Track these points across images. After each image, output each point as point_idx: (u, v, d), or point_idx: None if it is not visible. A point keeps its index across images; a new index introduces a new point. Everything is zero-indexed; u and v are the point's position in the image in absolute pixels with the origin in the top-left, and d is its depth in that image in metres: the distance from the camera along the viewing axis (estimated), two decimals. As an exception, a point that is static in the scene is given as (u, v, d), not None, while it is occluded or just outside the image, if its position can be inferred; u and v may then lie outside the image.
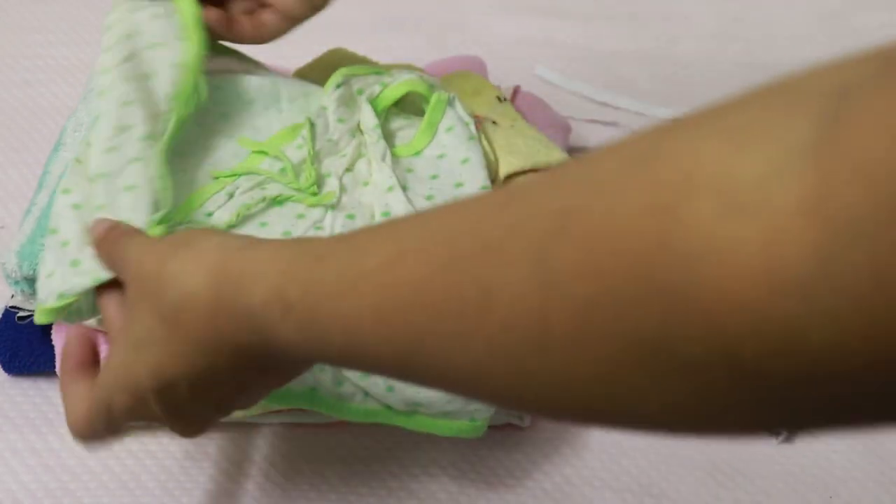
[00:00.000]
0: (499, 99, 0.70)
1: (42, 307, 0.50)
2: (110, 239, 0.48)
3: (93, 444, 0.48)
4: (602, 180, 0.27)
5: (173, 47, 0.58)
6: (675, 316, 0.24)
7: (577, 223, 0.27)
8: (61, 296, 0.50)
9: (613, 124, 0.83)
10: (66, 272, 0.50)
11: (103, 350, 0.56)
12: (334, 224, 0.57)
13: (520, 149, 0.65)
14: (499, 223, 0.30)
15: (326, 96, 0.63)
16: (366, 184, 0.60)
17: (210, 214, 0.57)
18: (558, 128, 0.74)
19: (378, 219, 0.57)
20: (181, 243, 0.41)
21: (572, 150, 0.77)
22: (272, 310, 0.36)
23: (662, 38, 0.96)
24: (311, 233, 0.57)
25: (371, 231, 0.36)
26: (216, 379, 0.41)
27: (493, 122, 0.67)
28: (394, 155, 0.61)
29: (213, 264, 0.39)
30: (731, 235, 0.23)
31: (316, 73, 0.71)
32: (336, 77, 0.64)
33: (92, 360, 0.49)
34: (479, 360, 0.30)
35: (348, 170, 0.60)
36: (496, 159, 0.64)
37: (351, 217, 0.58)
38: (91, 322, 0.55)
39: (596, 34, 0.95)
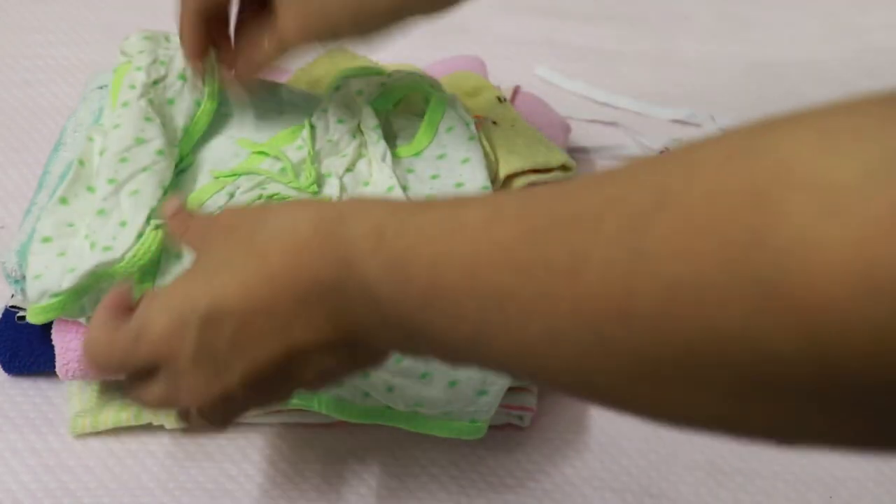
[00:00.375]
0: (499, 99, 0.70)
1: (35, 307, 0.51)
2: (189, 216, 0.48)
3: (103, 370, 0.45)
4: (703, 164, 0.28)
5: (197, 86, 0.62)
6: (766, 309, 0.25)
7: (675, 202, 0.27)
8: (53, 294, 0.51)
9: (613, 124, 0.83)
10: (55, 271, 0.51)
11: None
12: None
13: (520, 149, 0.65)
14: (597, 195, 0.30)
15: (326, 98, 0.63)
16: (366, 184, 0.60)
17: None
18: (558, 128, 0.74)
19: None
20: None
21: (572, 150, 0.77)
22: (367, 242, 0.37)
23: (662, 38, 0.96)
24: None
25: (473, 196, 0.36)
26: (268, 325, 0.39)
27: (494, 123, 0.67)
28: (395, 155, 0.61)
29: (317, 208, 0.40)
30: (827, 234, 0.23)
31: (316, 73, 0.71)
32: (335, 79, 0.64)
33: (128, 307, 0.46)
34: (558, 326, 0.30)
35: (349, 170, 0.60)
36: (496, 159, 0.64)
37: None
38: (84, 319, 0.55)
39: (596, 34, 0.95)
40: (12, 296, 0.60)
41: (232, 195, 0.58)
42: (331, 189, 0.59)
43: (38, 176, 0.63)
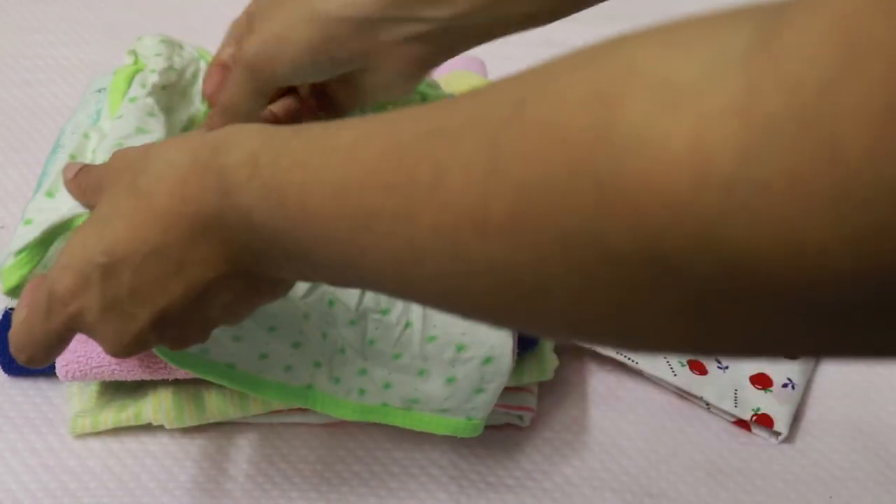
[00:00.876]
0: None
1: (3, 270, 0.51)
2: (84, 170, 0.48)
3: (30, 353, 0.44)
4: (557, 73, 0.29)
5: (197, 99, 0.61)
6: (604, 207, 0.25)
7: (528, 110, 0.28)
8: (17, 252, 0.51)
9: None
10: (19, 231, 0.52)
11: (99, 349, 0.56)
12: None
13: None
14: (460, 110, 0.31)
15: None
16: None
17: None
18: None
19: None
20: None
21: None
22: (242, 170, 0.37)
23: (662, 38, 0.96)
24: None
25: (351, 118, 0.37)
26: (162, 267, 0.40)
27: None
28: None
29: (194, 142, 0.41)
30: (662, 131, 0.24)
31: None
32: None
33: None
34: (422, 242, 0.30)
35: None
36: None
37: None
38: None
39: (596, 34, 0.95)
40: (12, 296, 0.60)
41: None
42: None
43: (38, 176, 0.63)
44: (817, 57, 0.21)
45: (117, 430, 0.59)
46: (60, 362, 0.57)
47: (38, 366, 0.46)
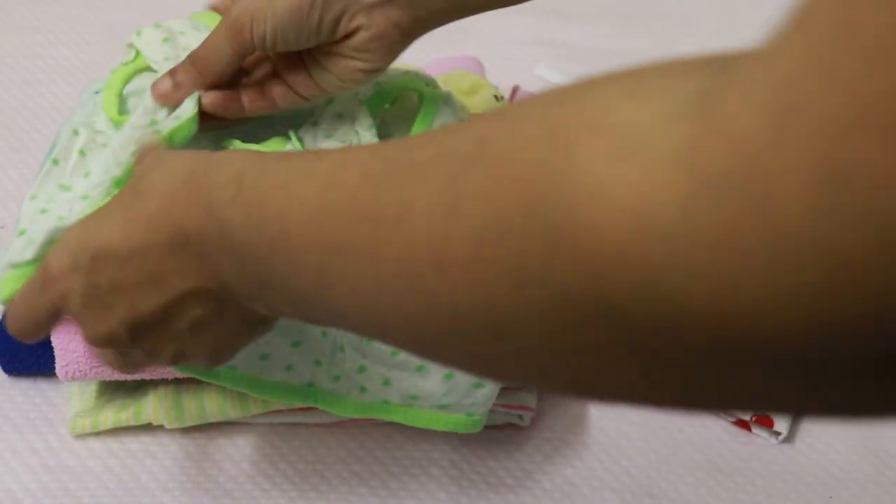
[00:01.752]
0: (496, 97, 0.70)
1: (1, 279, 0.52)
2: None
3: (21, 325, 0.46)
4: (521, 115, 0.29)
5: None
6: (553, 251, 0.25)
7: (489, 150, 0.28)
8: (15, 265, 0.52)
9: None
10: (17, 245, 0.52)
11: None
12: None
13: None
14: (429, 145, 0.32)
15: (317, 110, 0.63)
16: None
17: None
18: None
19: None
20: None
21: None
22: (228, 188, 0.38)
23: (662, 38, 0.96)
24: None
25: (336, 148, 0.37)
26: (141, 269, 0.40)
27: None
28: None
29: (193, 156, 0.42)
30: (609, 177, 0.24)
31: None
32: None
33: None
34: (384, 275, 0.31)
35: None
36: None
37: None
38: None
39: (596, 34, 0.95)
40: (12, 296, 0.60)
41: None
42: None
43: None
44: (758, 115, 0.21)
45: (117, 430, 0.59)
46: (60, 362, 0.57)
47: (28, 340, 0.47)
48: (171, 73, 0.57)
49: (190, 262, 0.40)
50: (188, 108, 0.57)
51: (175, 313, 0.41)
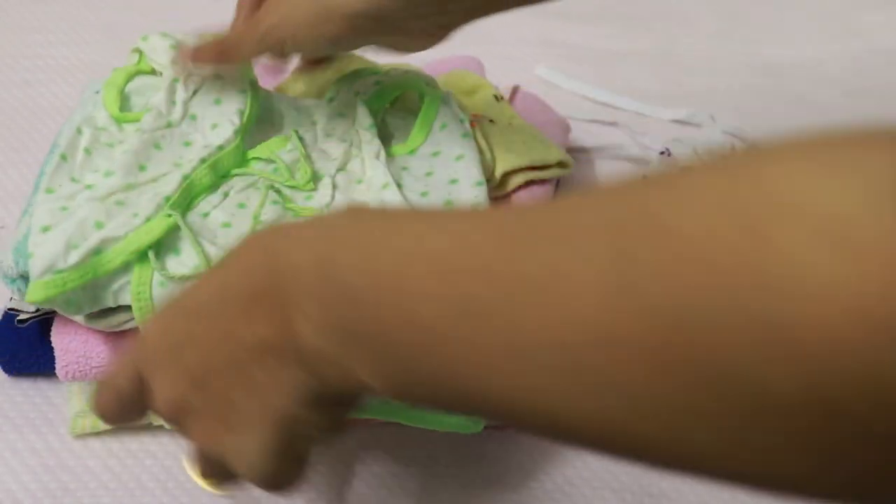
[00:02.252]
0: (496, 97, 0.70)
1: (37, 282, 0.52)
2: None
3: (114, 374, 0.43)
4: (694, 190, 0.27)
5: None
6: (760, 346, 0.24)
7: (665, 231, 0.26)
8: (57, 271, 0.52)
9: (613, 124, 0.83)
10: (59, 247, 0.52)
11: (99, 349, 0.56)
12: None
13: (517, 146, 0.65)
14: (581, 212, 0.30)
15: (318, 111, 0.63)
16: (359, 181, 0.60)
17: (206, 215, 0.57)
18: (558, 127, 0.74)
19: None
20: None
21: (572, 150, 0.77)
22: (343, 227, 0.36)
23: (662, 38, 0.96)
24: None
25: (465, 208, 0.36)
26: (216, 320, 0.38)
27: (490, 121, 0.67)
28: (389, 154, 0.61)
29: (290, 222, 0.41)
30: (828, 269, 0.22)
31: (313, 72, 0.71)
32: (329, 89, 0.64)
33: None
34: (527, 344, 0.29)
35: (340, 170, 0.60)
36: (493, 157, 0.64)
37: None
38: (80, 318, 0.55)
39: (596, 34, 0.95)
40: (11, 298, 0.60)
41: (226, 194, 0.58)
42: (324, 188, 0.59)
43: (37, 176, 0.63)
44: None
45: (117, 430, 0.59)
46: (60, 362, 0.57)
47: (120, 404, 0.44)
48: (198, 48, 0.60)
49: (265, 312, 0.37)
50: (228, 136, 0.59)
51: (240, 370, 0.38)
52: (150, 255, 0.53)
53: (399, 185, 0.59)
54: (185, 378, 0.40)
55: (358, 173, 0.60)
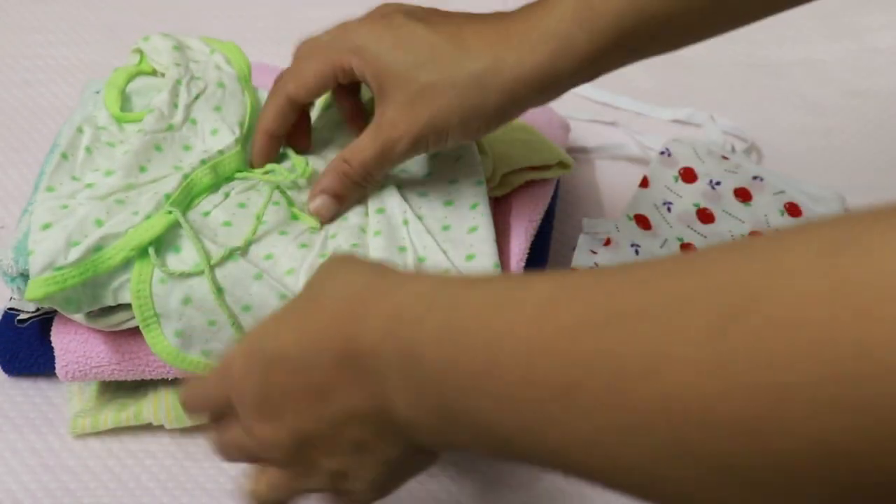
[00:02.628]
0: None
1: (37, 279, 0.52)
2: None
3: (193, 405, 0.46)
4: (791, 266, 0.26)
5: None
6: (875, 434, 0.23)
7: (763, 308, 0.26)
8: (57, 268, 0.52)
9: (613, 124, 0.83)
10: (59, 244, 0.52)
11: (99, 349, 0.56)
12: (328, 229, 0.57)
13: (517, 146, 0.65)
14: (673, 289, 0.29)
15: (315, 118, 0.63)
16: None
17: (207, 213, 0.57)
18: (558, 127, 0.74)
19: (373, 217, 0.57)
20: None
21: (572, 150, 0.77)
22: (418, 305, 0.36)
23: (662, 38, 0.96)
24: (307, 236, 0.56)
25: (532, 274, 0.35)
26: (310, 380, 0.39)
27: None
28: None
29: (375, 267, 0.40)
30: None
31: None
32: (326, 99, 0.64)
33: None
34: (627, 424, 0.29)
35: None
36: (493, 158, 0.64)
37: (344, 219, 0.58)
38: (79, 317, 0.55)
39: (596, 34, 0.95)
40: (11, 298, 0.60)
41: (227, 195, 0.58)
42: None
43: (37, 176, 0.63)
44: None
45: (117, 430, 0.59)
46: (60, 362, 0.57)
47: (195, 418, 0.48)
48: (327, 191, 0.56)
49: (357, 380, 0.38)
50: (228, 143, 0.59)
51: (339, 431, 0.39)
52: (151, 251, 0.53)
53: (399, 186, 0.59)
54: (284, 431, 0.40)
55: None
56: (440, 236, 0.57)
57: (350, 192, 0.56)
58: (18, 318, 0.59)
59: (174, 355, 0.54)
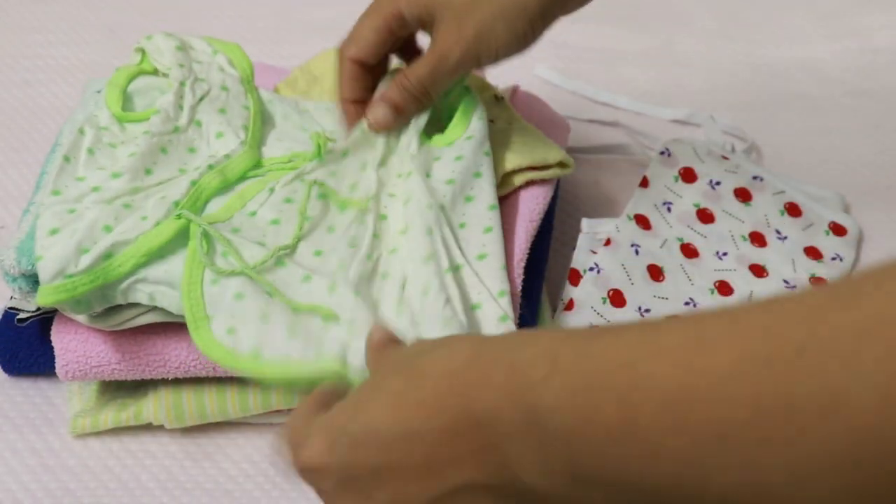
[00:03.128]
0: (496, 98, 0.70)
1: (47, 286, 0.52)
2: (384, 342, 0.47)
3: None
4: None
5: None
6: None
7: None
8: (68, 275, 0.51)
9: (613, 124, 0.83)
10: (69, 251, 0.52)
11: (99, 349, 0.56)
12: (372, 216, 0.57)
13: (517, 146, 0.65)
14: (845, 324, 0.28)
15: (319, 113, 0.63)
16: (399, 175, 0.59)
17: (253, 214, 0.57)
18: (558, 127, 0.74)
19: (399, 207, 0.57)
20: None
21: (572, 150, 0.77)
22: (538, 366, 0.34)
23: (662, 38, 0.96)
24: (354, 229, 0.56)
25: (664, 318, 0.33)
26: (411, 455, 0.37)
27: (491, 121, 0.67)
28: (428, 144, 0.61)
29: (479, 336, 0.40)
30: None
31: (316, 70, 0.71)
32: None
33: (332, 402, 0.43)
34: (806, 466, 0.28)
35: (382, 164, 0.60)
36: (493, 158, 0.63)
37: (383, 218, 0.57)
38: (82, 317, 0.55)
39: (596, 34, 0.95)
40: (11, 297, 0.60)
41: (272, 190, 0.58)
42: (367, 182, 0.59)
43: (38, 176, 0.63)
44: None
45: (117, 430, 0.59)
46: (60, 362, 0.57)
47: None
48: (385, 100, 0.59)
49: (472, 452, 0.36)
50: (234, 147, 0.59)
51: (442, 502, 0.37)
52: (200, 252, 0.53)
53: (428, 175, 0.59)
54: None
55: (397, 167, 0.60)
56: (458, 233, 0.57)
57: (408, 105, 0.59)
58: (18, 317, 0.59)
59: (225, 354, 0.52)
